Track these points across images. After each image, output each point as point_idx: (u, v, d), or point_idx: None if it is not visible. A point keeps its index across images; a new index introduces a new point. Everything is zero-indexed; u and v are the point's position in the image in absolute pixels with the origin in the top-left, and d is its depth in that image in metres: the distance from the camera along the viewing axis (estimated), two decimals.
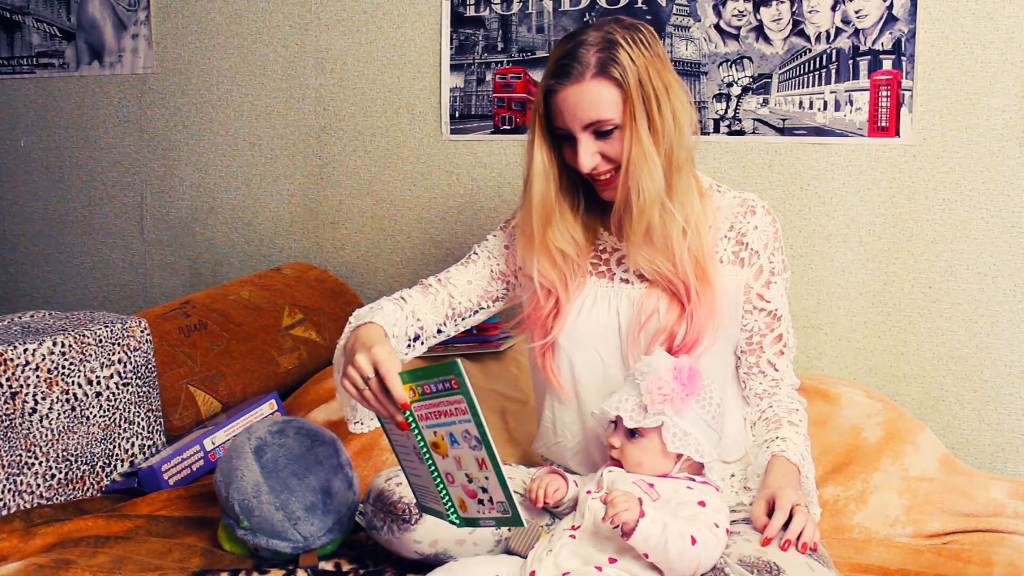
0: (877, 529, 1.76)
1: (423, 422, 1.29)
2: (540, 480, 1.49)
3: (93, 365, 1.88)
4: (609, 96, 1.43)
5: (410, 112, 2.57)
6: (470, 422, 1.23)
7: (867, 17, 2.13)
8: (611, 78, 1.42)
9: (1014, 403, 2.11)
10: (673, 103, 1.45)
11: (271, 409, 2.07)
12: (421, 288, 1.61)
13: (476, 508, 1.32)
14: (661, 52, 1.47)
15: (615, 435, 1.43)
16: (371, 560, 1.60)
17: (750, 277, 1.54)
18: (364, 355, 1.32)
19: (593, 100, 1.43)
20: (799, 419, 1.56)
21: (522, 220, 1.57)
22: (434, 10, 2.51)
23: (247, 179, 2.79)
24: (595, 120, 1.44)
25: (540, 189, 1.52)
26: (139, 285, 2.97)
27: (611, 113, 1.43)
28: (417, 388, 1.27)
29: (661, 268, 1.50)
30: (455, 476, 1.31)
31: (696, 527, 1.30)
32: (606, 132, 1.45)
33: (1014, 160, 2.06)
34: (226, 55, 2.76)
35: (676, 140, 1.46)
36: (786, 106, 2.21)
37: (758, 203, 1.56)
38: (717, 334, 1.51)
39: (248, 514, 1.56)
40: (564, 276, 1.55)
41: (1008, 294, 2.09)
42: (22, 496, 1.76)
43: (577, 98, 1.43)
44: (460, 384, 1.21)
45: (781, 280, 1.57)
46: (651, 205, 1.45)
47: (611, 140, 1.45)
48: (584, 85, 1.43)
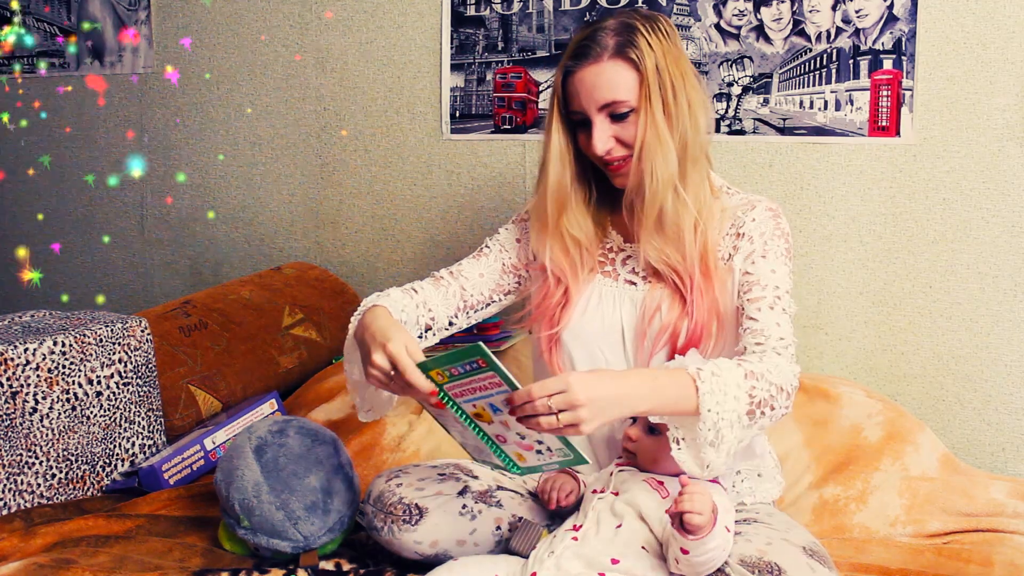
0: (877, 529, 1.76)
1: (459, 399, 1.30)
2: (553, 481, 1.48)
3: (93, 365, 1.88)
4: (626, 78, 1.44)
5: (410, 112, 2.57)
6: (507, 391, 1.24)
7: (867, 17, 2.13)
8: (628, 59, 1.44)
9: (1014, 403, 2.11)
10: (689, 92, 1.47)
11: (271, 409, 2.07)
12: (432, 280, 1.60)
13: (535, 458, 1.33)
14: (679, 43, 1.49)
15: (634, 428, 1.43)
16: (371, 560, 1.60)
17: (741, 260, 1.51)
18: (380, 354, 1.32)
19: (610, 81, 1.44)
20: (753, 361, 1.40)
21: (537, 204, 1.57)
22: (434, 10, 2.51)
23: (247, 179, 2.79)
24: (611, 101, 1.45)
25: (556, 172, 1.53)
26: (139, 285, 2.97)
27: (627, 95, 1.45)
28: (444, 372, 1.27)
29: (671, 258, 1.49)
30: (506, 436, 1.32)
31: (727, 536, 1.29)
32: (621, 115, 1.46)
33: (1014, 160, 2.06)
34: (226, 55, 2.76)
35: (691, 128, 1.47)
36: (786, 106, 2.21)
37: (762, 202, 1.54)
38: (723, 331, 1.50)
39: (248, 514, 1.56)
40: (575, 265, 1.56)
41: (1008, 294, 2.09)
42: (22, 495, 1.76)
43: (594, 79, 1.45)
44: (488, 362, 1.22)
45: (773, 259, 1.49)
46: (664, 188, 1.46)
47: (626, 124, 1.46)
48: (601, 65, 1.44)
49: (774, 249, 1.50)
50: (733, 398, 1.31)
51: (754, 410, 1.33)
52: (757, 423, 1.34)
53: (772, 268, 1.49)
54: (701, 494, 1.22)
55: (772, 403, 1.34)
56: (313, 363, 2.37)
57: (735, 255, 1.51)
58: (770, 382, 1.35)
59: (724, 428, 1.30)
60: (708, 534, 1.23)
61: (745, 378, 1.33)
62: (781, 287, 1.48)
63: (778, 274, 1.48)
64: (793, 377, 1.39)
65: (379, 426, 2.03)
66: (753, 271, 1.49)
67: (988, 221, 2.09)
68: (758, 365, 1.36)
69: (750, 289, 1.47)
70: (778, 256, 1.50)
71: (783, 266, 1.50)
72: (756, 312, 1.45)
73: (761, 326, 1.44)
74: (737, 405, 1.31)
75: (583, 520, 1.39)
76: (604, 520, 1.37)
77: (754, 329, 1.44)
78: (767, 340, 1.42)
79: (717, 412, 1.30)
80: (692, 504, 1.21)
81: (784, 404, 1.37)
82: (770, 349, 1.41)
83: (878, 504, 1.78)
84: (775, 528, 1.43)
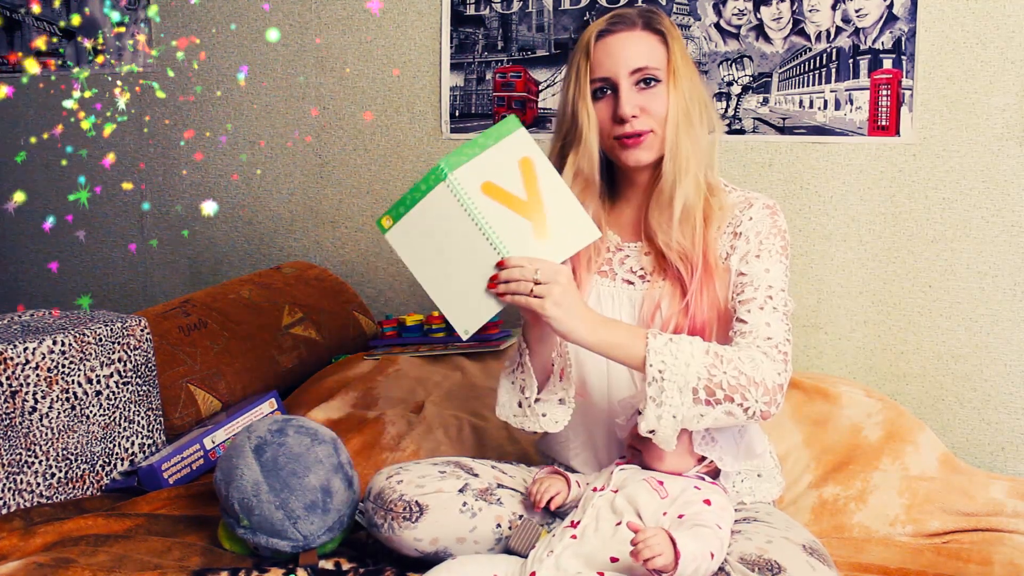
0: (877, 528, 1.75)
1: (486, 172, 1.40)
2: (541, 483, 1.48)
3: (93, 364, 1.88)
4: (657, 49, 1.51)
5: (410, 111, 2.57)
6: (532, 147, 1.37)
7: (867, 16, 2.13)
8: (658, 32, 1.52)
9: (1014, 403, 2.11)
10: (702, 88, 1.54)
11: (271, 408, 2.07)
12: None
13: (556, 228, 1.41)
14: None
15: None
16: (371, 559, 1.59)
17: (736, 260, 1.51)
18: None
19: (643, 48, 1.50)
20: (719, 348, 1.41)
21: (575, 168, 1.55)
22: (434, 9, 2.51)
23: (247, 178, 2.79)
24: (643, 66, 1.49)
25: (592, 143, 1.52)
26: (139, 284, 2.97)
27: (658, 63, 1.50)
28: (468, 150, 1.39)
29: (683, 244, 1.50)
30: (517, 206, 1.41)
31: (710, 540, 1.29)
32: (649, 82, 1.49)
33: (1014, 159, 2.06)
34: (226, 55, 2.76)
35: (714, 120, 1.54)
36: (786, 105, 2.21)
37: (759, 199, 1.54)
38: (723, 329, 1.50)
39: (248, 513, 1.56)
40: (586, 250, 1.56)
41: (1008, 293, 2.09)
42: (22, 495, 1.76)
43: (627, 43, 1.50)
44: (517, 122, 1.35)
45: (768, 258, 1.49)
46: (688, 164, 1.48)
47: (654, 94, 1.49)
48: (636, 32, 1.51)
49: (769, 247, 1.50)
50: (684, 364, 1.36)
51: (714, 390, 1.35)
52: (722, 407, 1.36)
53: (766, 267, 1.48)
54: (653, 536, 1.24)
55: (743, 392, 1.35)
56: (313, 362, 2.37)
57: (732, 255, 1.51)
58: (739, 370, 1.36)
59: (670, 391, 1.36)
60: (677, 568, 1.23)
61: (706, 354, 1.37)
62: (775, 286, 1.47)
63: (772, 273, 1.48)
64: (775, 375, 1.38)
65: (379, 425, 2.03)
66: (747, 271, 1.49)
67: (988, 221, 2.09)
68: (729, 351, 1.38)
69: (743, 290, 1.48)
70: (773, 254, 1.50)
71: (778, 264, 1.49)
72: (746, 314, 1.46)
73: (749, 327, 1.44)
74: (687, 372, 1.36)
75: (581, 516, 1.39)
76: (604, 518, 1.37)
77: (743, 331, 1.44)
78: (753, 339, 1.43)
79: (659, 371, 1.36)
80: (650, 550, 1.22)
81: (760, 399, 1.36)
82: (752, 346, 1.41)
83: (878, 504, 1.78)
84: (775, 527, 1.43)
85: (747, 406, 1.36)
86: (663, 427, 1.36)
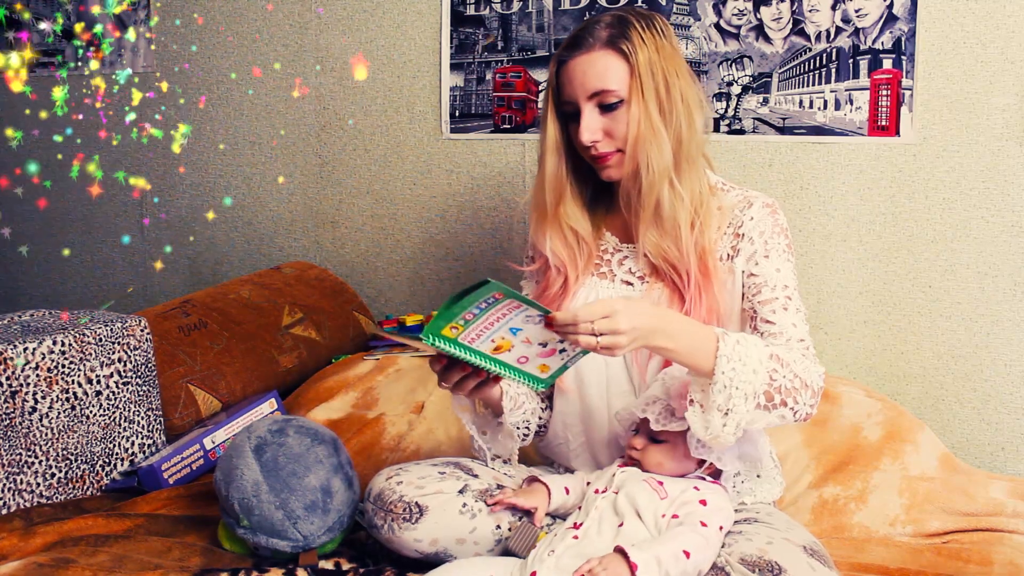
0: (877, 528, 1.76)
1: (477, 340, 1.30)
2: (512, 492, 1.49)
3: (93, 364, 1.88)
4: (616, 68, 1.46)
5: (410, 111, 2.57)
6: (527, 309, 1.26)
7: (867, 16, 2.13)
8: (619, 51, 1.46)
9: (1014, 402, 2.11)
10: (684, 89, 1.48)
11: (271, 408, 2.07)
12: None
13: (558, 360, 1.35)
14: (674, 43, 1.51)
15: (638, 437, 1.44)
16: (371, 559, 1.60)
17: (743, 262, 1.51)
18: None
19: (600, 70, 1.46)
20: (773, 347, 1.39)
21: (536, 195, 1.59)
22: (434, 9, 2.51)
23: (247, 178, 2.79)
24: (600, 90, 1.46)
25: (552, 163, 1.55)
26: (139, 284, 2.97)
27: (616, 85, 1.46)
28: (459, 322, 1.26)
29: (668, 253, 1.50)
30: (528, 355, 1.33)
31: (684, 538, 1.29)
32: (611, 106, 1.47)
33: (1014, 160, 2.06)
34: (226, 55, 2.76)
35: (686, 125, 1.48)
36: (786, 105, 2.21)
37: (759, 198, 1.54)
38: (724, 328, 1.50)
39: (248, 513, 1.56)
40: (575, 255, 1.57)
41: (1008, 294, 2.09)
42: (22, 495, 1.76)
43: (584, 67, 1.47)
44: (504, 293, 1.22)
45: (776, 258, 1.49)
46: (660, 179, 1.46)
47: (616, 117, 1.47)
48: (592, 55, 1.47)
49: (775, 247, 1.50)
50: (752, 371, 1.32)
51: (773, 395, 1.33)
52: (777, 412, 1.34)
53: (777, 267, 1.49)
54: (599, 564, 1.26)
55: (795, 396, 1.35)
56: (313, 362, 2.37)
57: (736, 256, 1.51)
58: (794, 373, 1.36)
59: (737, 398, 1.31)
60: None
61: (769, 358, 1.34)
62: (789, 286, 1.49)
63: (783, 273, 1.49)
64: (818, 377, 1.39)
65: (379, 425, 2.03)
66: (758, 272, 1.49)
67: (988, 221, 2.09)
68: (785, 352, 1.37)
69: (759, 291, 1.48)
70: (780, 254, 1.50)
71: (786, 263, 1.50)
72: (771, 315, 1.46)
73: (779, 328, 1.45)
74: (755, 379, 1.31)
75: (584, 518, 1.39)
76: (606, 519, 1.37)
77: (772, 332, 1.45)
78: (786, 341, 1.44)
79: (730, 378, 1.31)
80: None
81: (808, 402, 1.37)
82: (791, 347, 1.42)
83: (878, 504, 1.78)
84: (775, 527, 1.43)
85: (796, 409, 1.36)
86: (726, 434, 1.33)
